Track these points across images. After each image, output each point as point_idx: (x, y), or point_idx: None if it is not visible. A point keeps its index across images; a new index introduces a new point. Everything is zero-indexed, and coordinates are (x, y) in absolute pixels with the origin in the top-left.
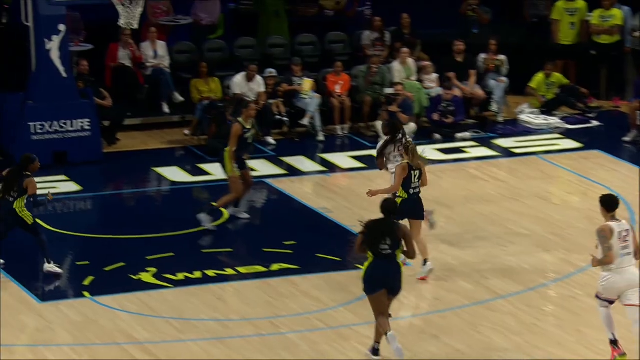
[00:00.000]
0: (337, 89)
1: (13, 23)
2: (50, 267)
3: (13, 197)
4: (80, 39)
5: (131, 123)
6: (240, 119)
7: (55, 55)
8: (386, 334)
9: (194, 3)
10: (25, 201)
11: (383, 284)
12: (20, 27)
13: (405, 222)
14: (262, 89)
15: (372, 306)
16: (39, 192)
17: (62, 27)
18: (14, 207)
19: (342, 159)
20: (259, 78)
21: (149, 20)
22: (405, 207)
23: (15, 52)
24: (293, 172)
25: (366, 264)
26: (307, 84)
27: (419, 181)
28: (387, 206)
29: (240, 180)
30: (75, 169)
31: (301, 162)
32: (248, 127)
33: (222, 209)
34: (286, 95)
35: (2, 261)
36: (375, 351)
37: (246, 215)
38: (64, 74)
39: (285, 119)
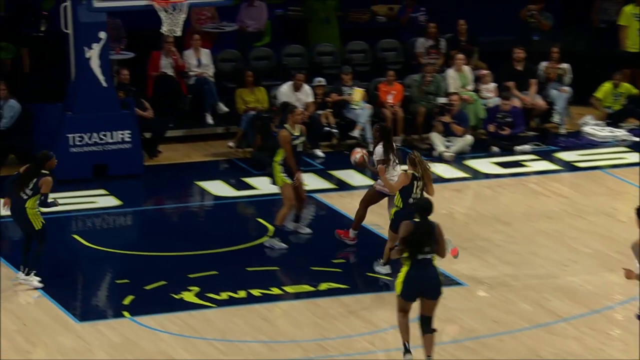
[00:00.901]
0: (389, 99)
1: (52, 30)
2: (27, 279)
3: (27, 195)
4: (121, 46)
5: (173, 135)
6: (286, 126)
7: (95, 64)
8: (405, 344)
9: (239, 9)
10: (38, 201)
11: (421, 293)
12: (59, 34)
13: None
14: (311, 99)
15: (398, 305)
16: (79, 206)
17: (102, 35)
18: (26, 205)
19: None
20: (307, 87)
21: (193, 27)
22: (401, 218)
23: (54, 60)
24: (343, 186)
25: (404, 270)
26: (357, 93)
27: (420, 192)
28: (421, 206)
29: (292, 191)
30: (115, 183)
31: (351, 176)
32: (296, 133)
33: (271, 226)
34: (335, 106)
35: (39, 284)
36: (405, 349)
37: (308, 230)
38: (104, 84)
39: (335, 130)
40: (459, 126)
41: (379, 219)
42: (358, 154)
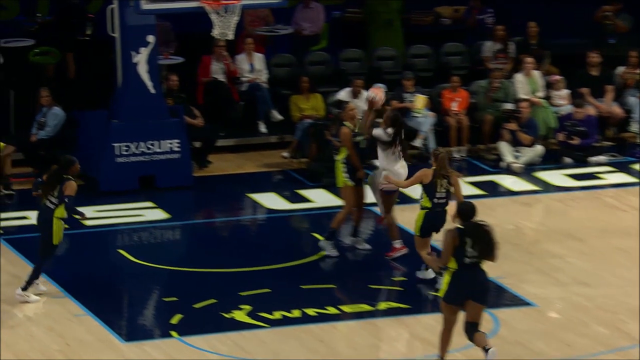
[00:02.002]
0: (454, 107)
1: (98, 34)
2: (25, 294)
3: (54, 203)
4: (170, 51)
5: (224, 144)
6: (346, 123)
7: (142, 70)
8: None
9: (294, 11)
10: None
11: (466, 297)
12: (106, 38)
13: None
14: None
15: (443, 313)
16: (125, 219)
17: (150, 39)
18: (54, 215)
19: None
20: (366, 94)
21: (246, 31)
22: (431, 221)
23: (100, 66)
24: (403, 199)
25: (450, 272)
26: (420, 101)
27: (446, 192)
28: (463, 210)
29: (353, 195)
30: (163, 195)
31: (413, 188)
32: (357, 130)
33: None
34: None
35: (44, 288)
36: None
37: (367, 246)
38: (152, 90)
39: None
40: (527, 135)
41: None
42: (378, 94)
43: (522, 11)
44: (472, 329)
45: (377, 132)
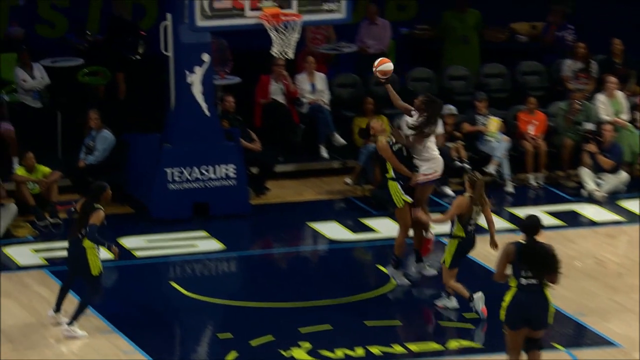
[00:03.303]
0: (531, 130)
1: (150, 53)
2: (73, 329)
3: (82, 234)
4: (226, 70)
5: (283, 170)
6: (380, 137)
7: (197, 90)
8: None
9: (359, 28)
10: (89, 235)
11: (526, 321)
12: (158, 57)
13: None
14: (440, 129)
15: (507, 339)
16: (177, 250)
17: (205, 57)
18: (83, 245)
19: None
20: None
21: (307, 48)
22: (464, 250)
23: (152, 86)
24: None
25: (510, 294)
26: (493, 124)
27: (478, 217)
28: (528, 224)
29: (409, 214)
30: (218, 224)
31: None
32: (393, 140)
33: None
34: (468, 138)
35: (83, 332)
36: None
37: (433, 272)
38: (207, 112)
39: (467, 165)
40: (608, 159)
41: None
42: (388, 64)
43: (606, 27)
44: (531, 345)
45: (409, 120)
